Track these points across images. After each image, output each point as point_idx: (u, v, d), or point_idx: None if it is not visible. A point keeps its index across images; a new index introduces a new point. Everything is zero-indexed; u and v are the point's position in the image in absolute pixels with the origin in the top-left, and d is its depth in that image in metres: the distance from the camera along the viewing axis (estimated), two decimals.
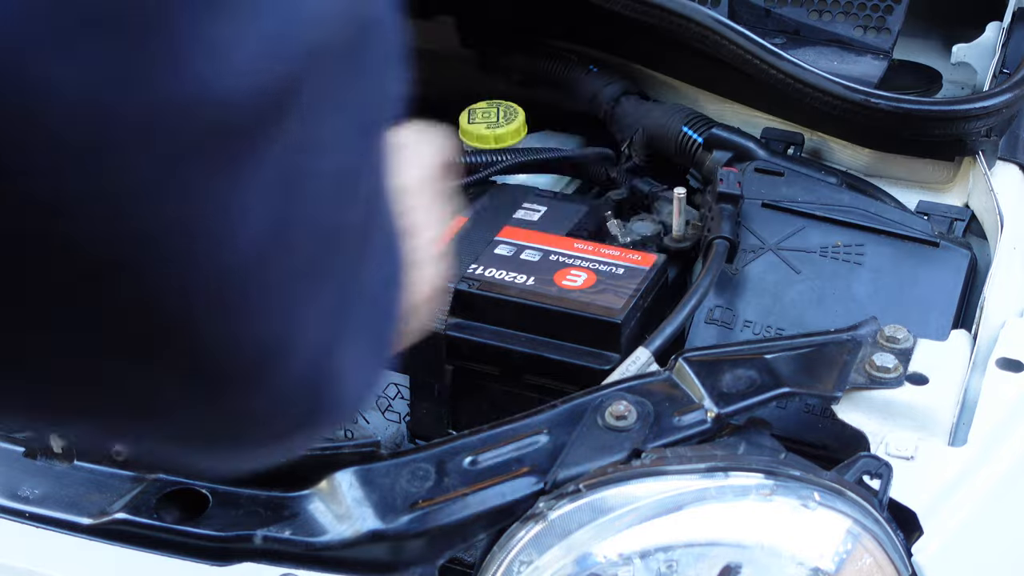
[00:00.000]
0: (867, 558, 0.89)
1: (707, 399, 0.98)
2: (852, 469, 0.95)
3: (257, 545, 0.93)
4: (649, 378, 1.02)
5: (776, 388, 0.99)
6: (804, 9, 1.56)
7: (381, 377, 0.56)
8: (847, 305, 1.21)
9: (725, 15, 1.47)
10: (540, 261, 1.26)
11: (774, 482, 0.91)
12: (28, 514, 0.97)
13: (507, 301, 1.21)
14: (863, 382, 1.01)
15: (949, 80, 1.62)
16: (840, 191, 1.32)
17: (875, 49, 1.53)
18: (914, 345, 1.05)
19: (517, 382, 1.22)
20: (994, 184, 1.28)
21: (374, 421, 1.33)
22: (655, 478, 0.92)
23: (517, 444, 0.96)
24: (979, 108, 1.27)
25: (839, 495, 0.91)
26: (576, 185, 1.55)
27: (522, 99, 1.53)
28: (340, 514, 0.93)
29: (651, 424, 0.96)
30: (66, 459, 1.00)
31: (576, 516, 0.90)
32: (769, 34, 1.51)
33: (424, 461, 0.96)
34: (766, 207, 1.29)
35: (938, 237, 1.24)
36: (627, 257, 1.26)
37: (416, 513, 0.92)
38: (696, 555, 0.89)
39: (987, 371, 1.05)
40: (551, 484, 0.92)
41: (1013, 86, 1.30)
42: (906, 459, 0.96)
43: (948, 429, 0.99)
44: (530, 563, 0.90)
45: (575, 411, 0.98)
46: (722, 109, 1.50)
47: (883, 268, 1.23)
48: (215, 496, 0.96)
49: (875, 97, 1.30)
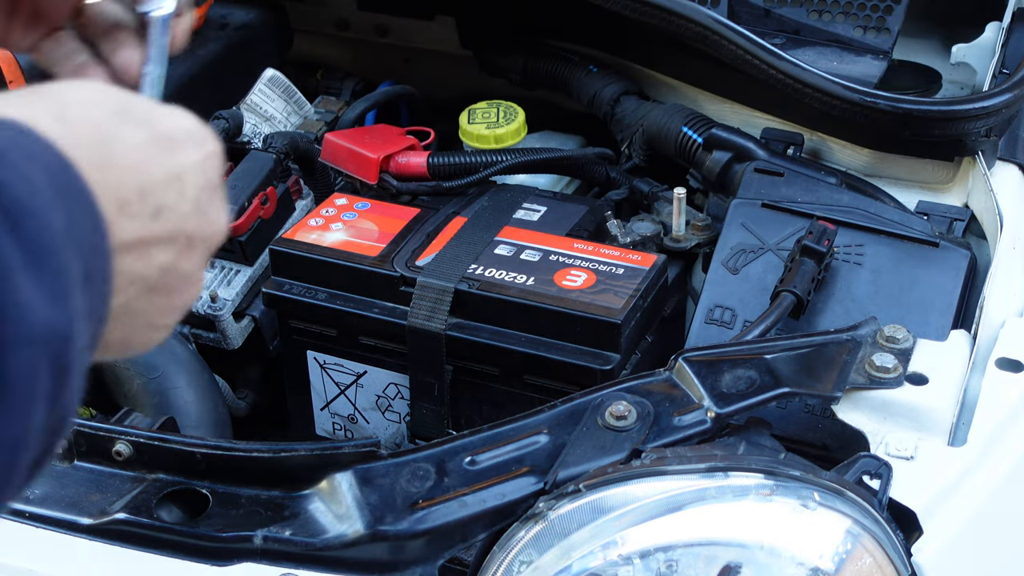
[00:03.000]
0: (867, 558, 0.89)
1: (707, 399, 0.98)
2: (852, 469, 0.95)
3: (257, 545, 0.93)
4: (649, 378, 1.02)
5: (776, 388, 0.99)
6: (804, 9, 1.56)
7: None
8: (847, 305, 1.21)
9: (725, 15, 1.47)
10: (540, 261, 1.26)
11: (774, 482, 0.91)
12: (28, 514, 0.97)
13: (507, 301, 1.21)
14: (863, 382, 1.01)
15: (949, 80, 1.62)
16: (840, 191, 1.32)
17: (875, 49, 1.53)
18: (914, 345, 1.05)
19: (517, 382, 1.22)
20: (994, 184, 1.28)
21: (374, 421, 1.33)
22: (655, 478, 0.92)
23: (517, 444, 0.96)
24: (979, 108, 1.27)
25: (839, 495, 0.91)
26: (576, 185, 1.55)
27: (522, 99, 1.54)
28: (340, 514, 0.93)
29: (651, 424, 0.97)
30: (66, 459, 1.00)
31: (576, 516, 0.91)
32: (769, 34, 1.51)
33: (424, 461, 0.96)
34: (766, 207, 1.29)
35: (938, 237, 1.24)
36: (627, 257, 1.26)
37: (416, 513, 0.92)
38: (696, 555, 0.89)
39: (987, 371, 1.05)
40: (551, 484, 0.92)
41: (1013, 86, 1.30)
42: (906, 459, 0.96)
43: (948, 429, 0.99)
44: (530, 563, 0.90)
45: (575, 411, 0.99)
46: (722, 109, 1.50)
47: (883, 268, 1.23)
48: (215, 496, 0.96)
49: (875, 97, 1.30)
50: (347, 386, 1.33)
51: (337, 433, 1.37)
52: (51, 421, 0.52)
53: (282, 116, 1.59)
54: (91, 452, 1.00)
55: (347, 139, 1.45)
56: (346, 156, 1.44)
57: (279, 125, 1.58)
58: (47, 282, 0.51)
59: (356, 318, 1.26)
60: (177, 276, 0.65)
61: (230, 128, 1.47)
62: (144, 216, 0.62)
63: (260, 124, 1.56)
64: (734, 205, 1.31)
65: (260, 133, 1.54)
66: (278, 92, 1.59)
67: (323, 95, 1.68)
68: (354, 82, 1.72)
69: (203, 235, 0.67)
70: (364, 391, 1.31)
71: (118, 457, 0.99)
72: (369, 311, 1.25)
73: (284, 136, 1.47)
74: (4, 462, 0.50)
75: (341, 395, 1.33)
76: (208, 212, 0.67)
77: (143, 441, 0.98)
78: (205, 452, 0.97)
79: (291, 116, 1.60)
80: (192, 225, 0.66)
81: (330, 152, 1.46)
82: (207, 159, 0.68)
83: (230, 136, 1.48)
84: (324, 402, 1.35)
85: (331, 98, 1.67)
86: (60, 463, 1.00)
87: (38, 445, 0.52)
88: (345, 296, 1.28)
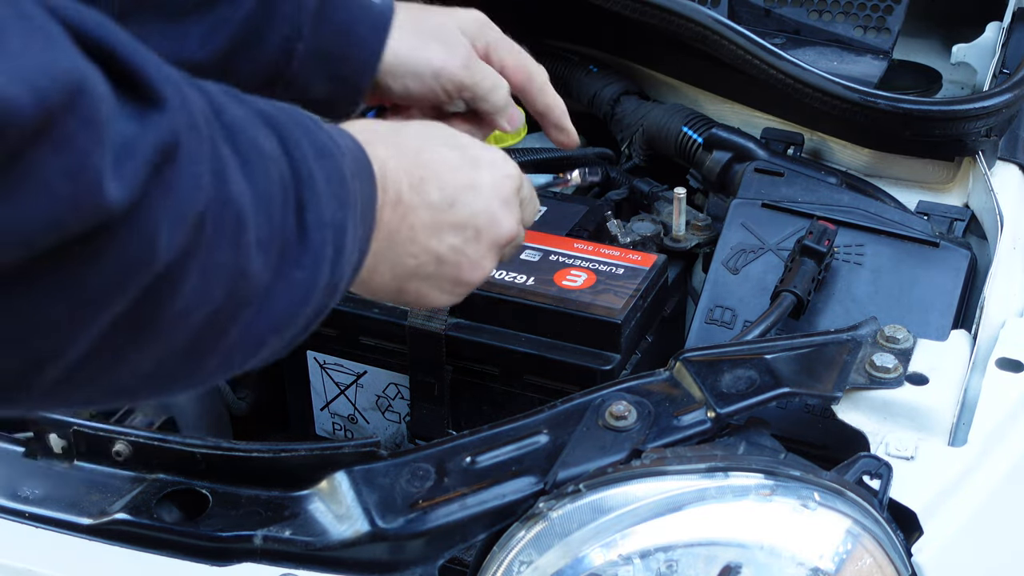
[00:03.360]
0: (867, 558, 0.89)
1: (707, 399, 0.98)
2: (852, 469, 0.95)
3: (257, 545, 0.93)
4: (649, 378, 1.02)
5: (776, 388, 0.99)
6: (804, 9, 1.56)
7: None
8: (847, 305, 1.21)
9: (725, 15, 1.47)
10: (540, 261, 1.26)
11: (774, 482, 0.91)
12: (28, 514, 0.97)
13: (507, 301, 1.21)
14: (863, 382, 1.01)
15: (949, 80, 1.62)
16: (840, 191, 1.32)
17: (875, 49, 1.53)
18: (914, 345, 1.05)
19: (517, 382, 1.22)
20: (994, 184, 1.28)
21: (374, 421, 1.33)
22: (655, 478, 0.92)
23: (517, 444, 0.96)
24: (979, 108, 1.27)
25: (839, 495, 0.91)
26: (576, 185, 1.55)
27: None
28: (340, 514, 0.93)
29: (651, 424, 0.96)
30: (66, 459, 1.00)
31: (576, 516, 0.90)
32: (769, 34, 1.51)
33: (424, 461, 0.96)
34: (766, 207, 1.29)
35: (938, 237, 1.24)
36: (627, 257, 1.26)
37: (416, 513, 0.92)
38: (696, 555, 0.89)
39: (987, 371, 1.05)
40: (551, 484, 0.92)
41: (1013, 86, 1.31)
42: (906, 459, 0.96)
43: (948, 429, 0.99)
44: (530, 563, 0.90)
45: (575, 411, 0.99)
46: (722, 109, 1.50)
47: (883, 268, 1.23)
48: (215, 496, 0.96)
49: (875, 97, 1.30)
50: (347, 386, 1.32)
51: (337, 433, 1.37)
52: (328, 284, 0.73)
53: None
54: (91, 452, 1.00)
55: None
56: None
57: None
58: (337, 192, 0.72)
59: (356, 318, 1.26)
60: (464, 256, 0.88)
61: None
62: (441, 206, 0.86)
63: None
64: (734, 205, 1.31)
65: None
66: None
67: None
68: None
69: (491, 233, 0.89)
70: (364, 391, 1.31)
71: (118, 457, 0.99)
72: (369, 311, 1.25)
73: None
74: (297, 301, 0.70)
75: (341, 395, 1.33)
76: (497, 217, 0.90)
77: (143, 441, 0.98)
78: (205, 452, 0.97)
79: None
80: (482, 222, 0.89)
81: None
82: (504, 179, 0.91)
83: None
84: (324, 402, 1.35)
85: None
86: (60, 463, 1.00)
87: (317, 301, 0.72)
88: (345, 296, 1.27)
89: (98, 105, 0.53)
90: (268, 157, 0.68)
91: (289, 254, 0.69)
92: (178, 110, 0.59)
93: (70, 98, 0.51)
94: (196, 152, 0.60)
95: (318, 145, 0.73)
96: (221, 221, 0.62)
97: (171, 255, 0.59)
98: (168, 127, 0.58)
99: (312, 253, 0.70)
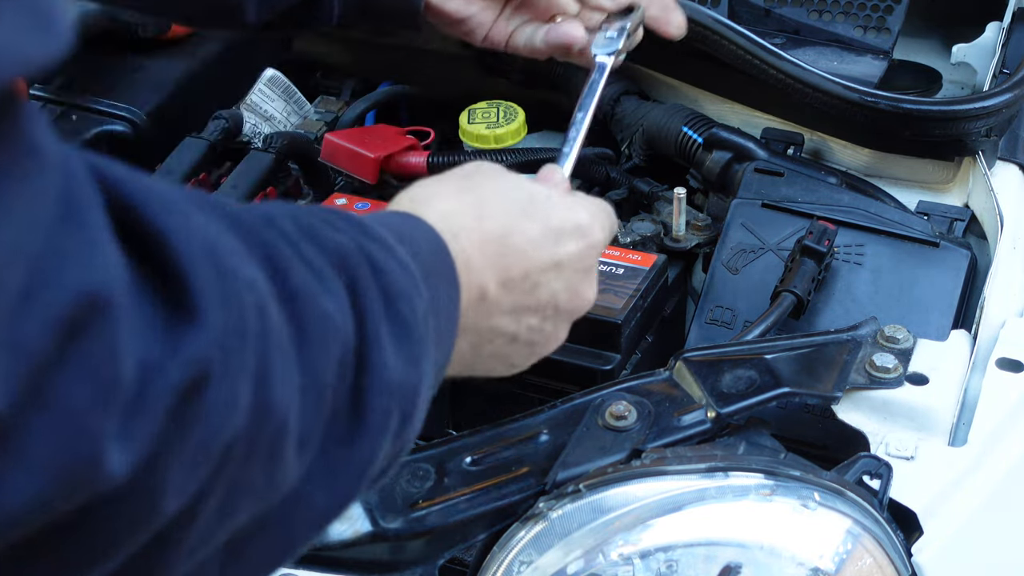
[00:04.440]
0: (867, 558, 0.89)
1: (707, 399, 0.98)
2: (852, 469, 0.95)
3: None
4: (649, 378, 1.02)
5: (776, 388, 0.99)
6: (804, 9, 1.56)
7: None
8: (847, 305, 1.21)
9: (725, 15, 1.47)
10: None
11: (774, 482, 0.91)
12: None
13: None
14: (863, 382, 1.01)
15: (949, 80, 1.61)
16: (840, 191, 1.32)
17: (875, 49, 1.53)
18: (914, 345, 1.05)
19: (517, 382, 1.22)
20: (994, 184, 1.28)
21: None
22: (655, 478, 0.92)
23: (517, 444, 0.96)
24: (979, 108, 1.27)
25: (839, 495, 0.91)
26: (576, 185, 1.55)
27: (522, 99, 1.53)
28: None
29: (651, 424, 0.96)
30: None
31: (576, 516, 0.90)
32: (769, 34, 1.51)
33: (424, 461, 0.96)
34: (766, 207, 1.29)
35: (938, 237, 1.24)
36: (627, 257, 1.26)
37: (416, 513, 0.92)
38: (696, 555, 0.89)
39: (987, 371, 1.05)
40: (551, 484, 0.92)
41: (1013, 86, 1.30)
42: (906, 459, 0.96)
43: (948, 429, 0.99)
44: (530, 563, 0.90)
45: (575, 411, 0.99)
46: (722, 109, 1.50)
47: (883, 268, 1.23)
48: None
49: (875, 97, 1.30)
50: None
51: None
52: (393, 450, 0.65)
53: (282, 116, 1.59)
54: None
55: (347, 139, 1.45)
56: (346, 156, 1.44)
57: (279, 125, 1.58)
58: (406, 349, 0.64)
59: None
60: (540, 334, 0.84)
61: (230, 128, 1.47)
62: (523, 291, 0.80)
63: (260, 124, 1.56)
64: (734, 205, 1.31)
65: (260, 133, 1.54)
66: (278, 92, 1.59)
67: (323, 95, 1.68)
68: (354, 82, 1.72)
69: (569, 308, 0.85)
70: None
71: None
72: None
73: (284, 136, 1.47)
74: (354, 478, 0.62)
75: None
76: (578, 290, 0.85)
77: None
78: None
79: (291, 116, 1.60)
80: (562, 300, 0.84)
81: (330, 152, 1.45)
82: (588, 249, 0.85)
83: (230, 136, 1.48)
84: None
85: (331, 98, 1.67)
86: None
87: (380, 466, 0.65)
88: None
89: (111, 337, 0.43)
90: (331, 327, 0.58)
91: (337, 432, 0.59)
92: (217, 320, 0.49)
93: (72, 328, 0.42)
94: (236, 365, 0.50)
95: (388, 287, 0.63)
96: (256, 439, 0.53)
97: (182, 501, 0.50)
98: (201, 348, 0.48)
99: (369, 428, 0.61)
